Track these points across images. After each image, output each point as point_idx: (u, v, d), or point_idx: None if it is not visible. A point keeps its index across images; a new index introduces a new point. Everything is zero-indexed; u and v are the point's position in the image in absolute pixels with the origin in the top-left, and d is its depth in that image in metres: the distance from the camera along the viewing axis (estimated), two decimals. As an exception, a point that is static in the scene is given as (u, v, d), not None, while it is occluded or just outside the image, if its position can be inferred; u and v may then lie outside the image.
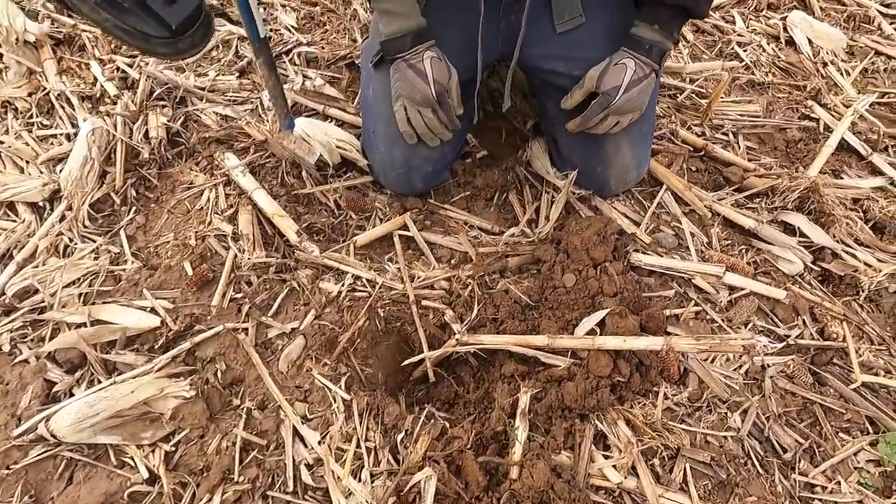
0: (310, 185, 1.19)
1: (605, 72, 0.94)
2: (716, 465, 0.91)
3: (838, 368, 1.03)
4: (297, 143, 1.09)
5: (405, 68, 0.93)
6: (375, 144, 1.11)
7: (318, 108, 1.30)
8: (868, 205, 1.25)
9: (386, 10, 0.93)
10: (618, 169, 1.10)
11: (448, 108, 0.97)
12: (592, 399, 0.91)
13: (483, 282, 1.08)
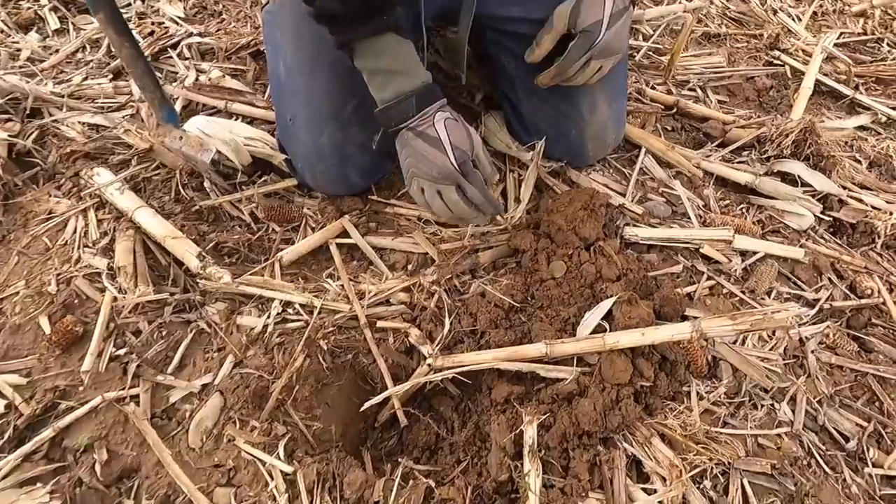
0: (215, 196, 0.93)
1: (578, 6, 0.75)
2: (778, 474, 0.71)
3: (880, 329, 0.88)
4: (183, 140, 0.83)
5: (413, 138, 0.73)
6: (295, 134, 0.87)
7: (219, 105, 1.05)
8: (858, 145, 1.13)
9: (378, 69, 0.72)
10: (594, 130, 0.92)
11: (477, 179, 0.74)
12: (615, 416, 0.70)
13: (452, 287, 0.85)
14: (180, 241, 0.81)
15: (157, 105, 0.79)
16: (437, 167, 0.72)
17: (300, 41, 0.80)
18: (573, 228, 0.83)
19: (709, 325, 0.71)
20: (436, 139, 0.72)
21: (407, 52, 0.72)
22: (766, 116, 1.18)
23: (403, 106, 0.72)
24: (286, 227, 0.92)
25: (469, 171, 0.73)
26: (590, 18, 0.74)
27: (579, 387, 0.73)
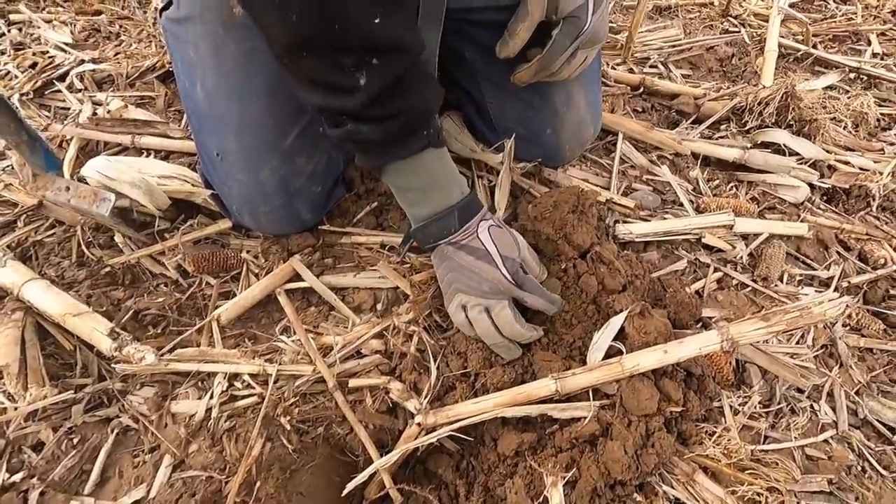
0: (129, 251, 0.76)
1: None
2: (836, 489, 0.62)
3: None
4: (71, 190, 0.66)
5: (454, 252, 0.64)
6: (228, 172, 0.71)
7: (124, 141, 0.88)
8: (831, 105, 1.08)
9: (412, 187, 0.63)
10: (571, 127, 0.81)
11: (533, 284, 0.66)
12: (650, 456, 0.58)
13: (432, 324, 0.72)
14: (85, 317, 0.64)
15: (27, 151, 0.62)
16: (487, 282, 0.63)
17: (222, 57, 0.65)
18: (564, 236, 0.71)
19: (738, 331, 0.61)
20: (483, 251, 0.64)
21: (445, 165, 0.64)
22: (735, 86, 1.11)
23: (444, 223, 0.64)
24: (223, 279, 0.76)
25: (522, 280, 0.65)
26: (573, 2, 0.62)
27: (601, 425, 0.61)
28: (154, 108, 0.97)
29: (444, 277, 0.66)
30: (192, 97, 0.71)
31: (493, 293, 0.64)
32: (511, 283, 0.64)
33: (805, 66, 1.21)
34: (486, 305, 0.64)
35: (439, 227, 0.64)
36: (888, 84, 1.17)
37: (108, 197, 0.65)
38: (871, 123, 1.06)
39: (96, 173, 0.76)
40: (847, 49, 1.29)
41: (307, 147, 0.71)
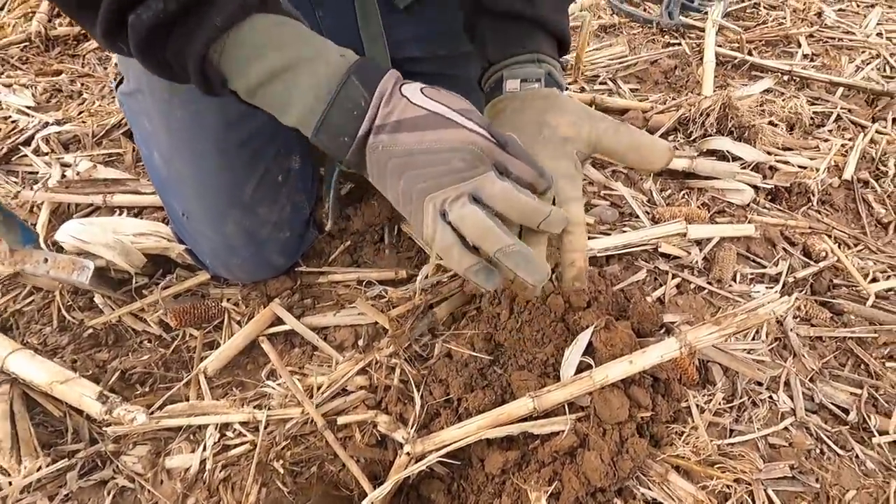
0: (110, 311, 0.77)
1: (582, 119, 0.55)
2: (798, 473, 0.67)
3: (844, 289, 0.87)
4: (49, 262, 0.67)
5: (392, 139, 0.44)
6: (196, 229, 0.74)
7: (96, 201, 0.89)
8: (768, 108, 1.15)
9: (270, 74, 0.43)
10: None
11: (517, 145, 0.46)
12: (625, 461, 0.62)
13: (413, 354, 0.75)
14: (72, 383, 0.65)
15: (3, 230, 0.63)
16: (456, 154, 0.42)
17: (172, 124, 0.67)
18: (529, 260, 0.76)
19: (695, 336, 0.66)
20: (430, 115, 0.43)
21: (299, 32, 0.45)
22: (680, 97, 1.18)
23: (346, 100, 0.43)
24: (206, 329, 0.78)
25: (506, 138, 0.46)
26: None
27: (578, 437, 0.65)
28: (123, 165, 0.98)
29: (398, 187, 0.45)
30: (152, 164, 0.73)
31: (469, 165, 0.43)
32: (489, 140, 0.44)
33: (742, 72, 1.29)
34: (470, 190, 0.43)
35: (343, 110, 0.43)
36: (818, 84, 1.26)
37: (87, 265, 0.67)
38: (806, 123, 1.14)
39: (71, 238, 0.78)
40: (780, 52, 1.38)
41: (268, 196, 0.74)
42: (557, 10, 0.59)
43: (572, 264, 0.53)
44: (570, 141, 0.54)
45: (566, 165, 0.53)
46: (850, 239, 0.96)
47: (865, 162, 1.06)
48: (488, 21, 0.59)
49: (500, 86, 0.58)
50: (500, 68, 0.59)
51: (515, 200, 0.44)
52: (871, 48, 1.38)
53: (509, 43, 0.58)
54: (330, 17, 0.72)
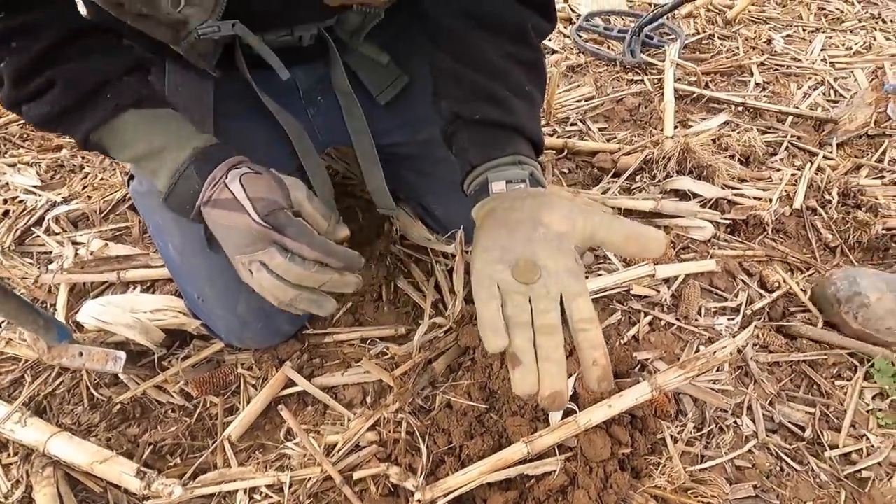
0: (134, 385, 0.84)
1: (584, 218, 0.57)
2: (761, 491, 0.77)
3: (798, 314, 0.97)
4: (84, 355, 0.74)
5: (210, 212, 0.58)
6: (211, 310, 0.82)
7: (110, 278, 0.96)
8: (724, 141, 1.26)
9: (137, 156, 0.60)
10: None
11: (301, 229, 0.57)
12: (610, 496, 0.71)
13: (416, 406, 0.83)
14: (111, 462, 0.72)
15: (42, 331, 0.70)
16: (241, 233, 0.56)
17: (182, 222, 0.74)
18: (515, 314, 0.84)
19: (664, 380, 0.75)
20: (231, 200, 0.56)
21: (162, 124, 0.59)
22: (645, 133, 1.28)
23: (186, 182, 0.58)
24: (225, 395, 0.85)
25: (286, 223, 0.56)
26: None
27: (568, 475, 0.74)
28: (131, 238, 1.05)
29: (220, 241, 0.60)
30: (166, 255, 0.81)
31: (250, 243, 0.56)
32: (262, 226, 0.55)
33: (700, 106, 1.39)
34: (260, 259, 0.57)
35: (184, 188, 0.58)
36: (770, 113, 1.37)
37: (119, 356, 0.73)
38: (759, 154, 1.24)
39: (92, 319, 0.84)
40: (735, 82, 1.49)
41: None
42: (532, 118, 0.64)
43: (595, 364, 0.48)
44: (567, 236, 0.53)
45: (566, 262, 0.51)
46: (802, 264, 1.06)
47: (813, 190, 1.16)
48: (467, 129, 0.63)
49: (485, 188, 0.59)
50: (483, 171, 0.60)
51: (291, 271, 0.57)
52: (816, 74, 1.49)
53: (491, 147, 0.61)
54: (320, 116, 0.80)
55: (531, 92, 0.65)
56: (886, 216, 1.11)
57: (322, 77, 0.77)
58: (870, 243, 1.08)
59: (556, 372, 0.48)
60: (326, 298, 0.62)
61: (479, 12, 0.62)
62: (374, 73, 0.78)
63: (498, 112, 0.62)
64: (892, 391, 0.87)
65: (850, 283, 0.92)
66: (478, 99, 0.62)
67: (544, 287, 0.50)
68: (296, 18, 0.66)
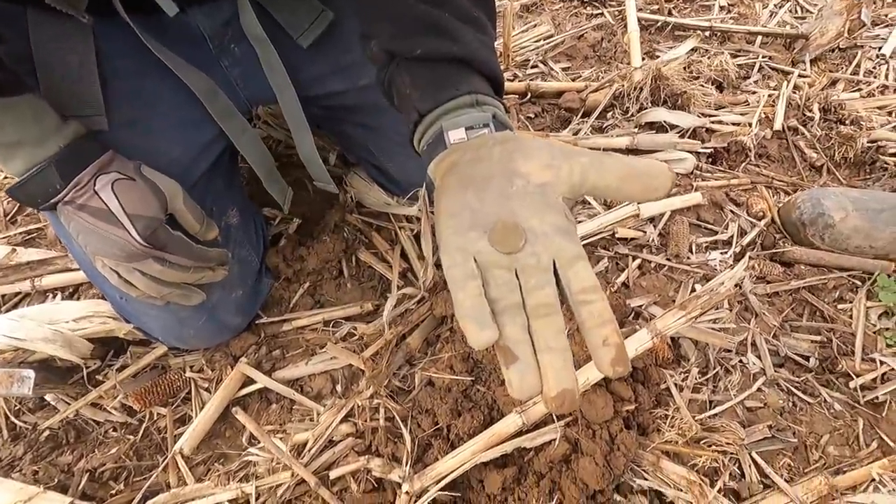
0: (63, 406, 0.72)
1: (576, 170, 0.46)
2: (777, 431, 0.71)
3: (789, 240, 0.91)
4: (-20, 379, 0.62)
5: (75, 212, 0.55)
6: (139, 310, 0.69)
7: (24, 287, 0.82)
8: (696, 68, 1.17)
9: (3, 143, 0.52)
10: None
11: (180, 244, 0.60)
12: (618, 458, 0.64)
13: (394, 388, 0.74)
14: (38, 499, 0.61)
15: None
16: (118, 246, 0.56)
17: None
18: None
19: (665, 324, 0.67)
20: (104, 211, 0.55)
21: (19, 116, 0.53)
22: (610, 69, 1.18)
23: (43, 179, 0.54)
24: (174, 404, 0.74)
25: (166, 240, 0.58)
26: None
27: (570, 442, 0.66)
28: (46, 241, 0.91)
29: (77, 239, 0.58)
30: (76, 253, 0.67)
31: (127, 255, 0.57)
32: (144, 247, 0.56)
33: (666, 34, 1.30)
34: (137, 268, 0.59)
35: (39, 186, 0.54)
36: (738, 35, 1.29)
37: (27, 375, 0.62)
38: (733, 77, 1.17)
39: (4, 338, 0.72)
40: (698, 7, 1.40)
41: None
42: (485, 48, 0.50)
43: (606, 343, 0.36)
44: (551, 187, 0.42)
45: (555, 219, 0.41)
46: (790, 187, 1.00)
47: (792, 109, 1.10)
48: (407, 70, 0.50)
49: (441, 139, 0.47)
50: (435, 119, 0.48)
51: (168, 275, 0.60)
52: (781, -9, 1.42)
53: (440, 87, 0.48)
54: (237, 68, 0.67)
55: (478, 17, 0.51)
56: (870, 128, 1.05)
57: (230, 19, 0.64)
58: (856, 158, 1.02)
59: (562, 364, 0.36)
60: (195, 291, 0.65)
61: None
62: (291, 9, 0.65)
63: (442, 43, 0.48)
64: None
65: (813, 204, 0.86)
66: (415, 31, 0.49)
67: (532, 255, 0.39)
68: None
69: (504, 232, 0.40)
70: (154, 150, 0.61)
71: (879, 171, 1.02)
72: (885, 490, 0.66)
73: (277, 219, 0.89)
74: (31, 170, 0.53)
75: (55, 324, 0.73)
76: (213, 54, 0.65)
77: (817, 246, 0.87)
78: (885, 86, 1.17)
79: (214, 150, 0.67)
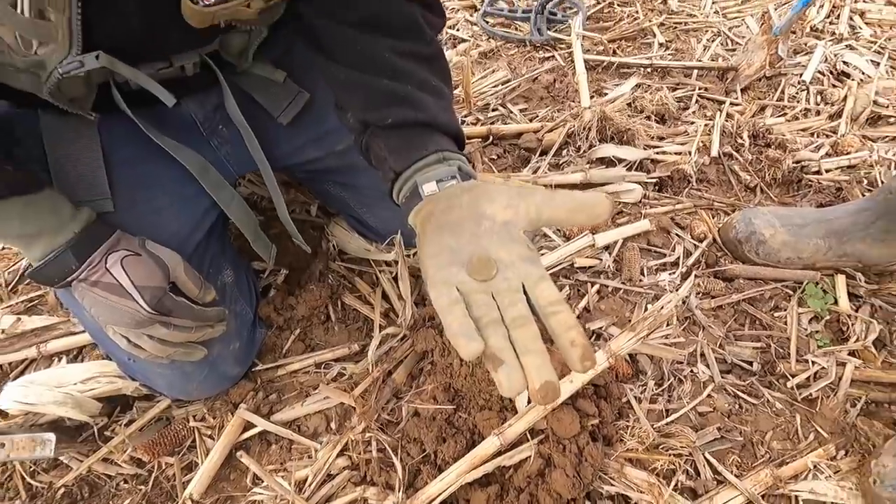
0: (76, 464, 0.77)
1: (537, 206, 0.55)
2: (725, 432, 0.80)
3: (728, 257, 1.02)
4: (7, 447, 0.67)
5: (89, 289, 0.62)
6: (146, 369, 0.76)
7: (30, 354, 0.88)
8: (639, 103, 1.30)
9: (13, 237, 0.60)
10: None
11: (184, 309, 0.67)
12: (586, 468, 0.72)
13: (384, 422, 0.81)
14: (61, 553, 0.66)
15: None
16: (128, 315, 0.62)
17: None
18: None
19: (618, 345, 0.76)
20: (116, 286, 0.61)
21: (39, 210, 0.59)
22: (564, 111, 1.30)
23: (60, 261, 0.60)
24: (180, 453, 0.80)
25: (171, 306, 0.65)
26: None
27: (543, 457, 0.74)
28: (47, 307, 0.96)
29: (90, 311, 0.63)
30: (86, 322, 0.74)
31: (137, 325, 0.63)
32: (151, 314, 0.62)
33: (612, 72, 1.43)
34: (146, 333, 0.65)
35: (57, 267, 0.60)
36: (676, 70, 1.42)
37: (48, 438, 0.67)
38: (673, 110, 1.29)
39: (16, 404, 0.77)
40: (640, 45, 1.54)
41: None
42: (446, 111, 0.61)
43: (573, 344, 0.44)
44: (513, 223, 0.51)
45: (520, 249, 0.50)
46: (729, 207, 1.11)
47: (726, 136, 1.22)
48: (381, 136, 0.60)
49: (416, 192, 0.56)
50: (409, 176, 0.57)
51: (174, 336, 0.67)
52: (711, 26, 1.57)
53: (411, 149, 0.58)
54: (226, 146, 0.76)
55: (437, 85, 0.63)
56: (794, 150, 1.18)
57: (218, 105, 0.73)
58: (784, 178, 1.14)
59: (542, 363, 0.44)
60: (198, 348, 0.72)
61: (364, 15, 0.59)
62: (271, 92, 0.74)
63: (408, 112, 0.59)
64: (824, 312, 0.92)
65: (746, 224, 0.97)
66: (384, 103, 0.60)
67: (504, 280, 0.48)
68: (167, 46, 0.62)
69: (479, 264, 0.49)
70: (156, 226, 0.68)
71: (805, 188, 1.14)
72: (822, 476, 0.76)
73: (267, 271, 0.97)
74: (49, 255, 0.59)
75: (64, 386, 0.79)
76: (204, 136, 0.74)
77: (753, 261, 0.98)
78: (808, 109, 1.31)
79: (208, 219, 0.75)
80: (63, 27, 0.49)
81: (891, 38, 1.51)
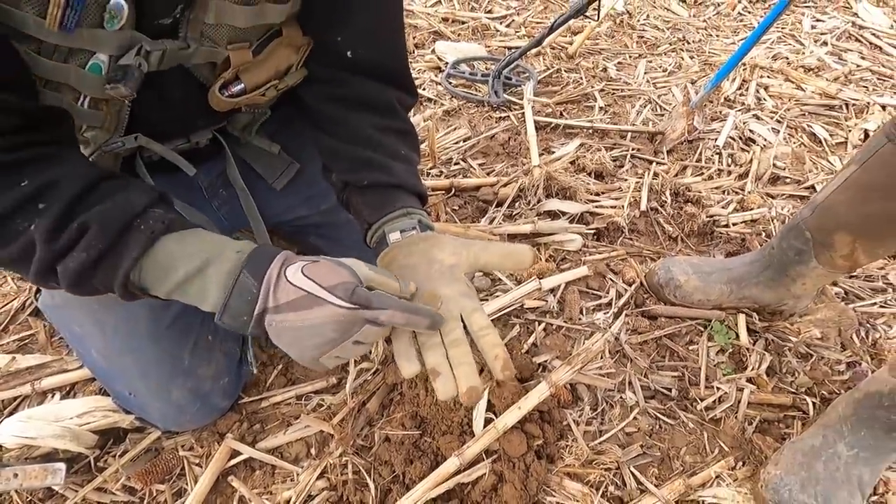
0: (72, 494, 0.84)
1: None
2: (647, 448, 0.95)
3: (652, 298, 1.20)
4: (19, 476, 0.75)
5: (279, 321, 0.53)
6: (143, 403, 0.85)
7: (25, 391, 0.94)
8: (581, 162, 1.50)
9: (180, 282, 0.53)
10: None
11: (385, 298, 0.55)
12: (532, 483, 0.86)
13: (358, 447, 0.92)
14: (64, 574, 0.73)
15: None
16: (327, 326, 0.52)
17: (107, 329, 0.79)
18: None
19: (557, 376, 0.91)
20: (304, 296, 0.52)
21: (199, 240, 0.55)
22: (517, 166, 1.48)
23: (241, 291, 0.52)
24: (170, 481, 0.88)
25: (370, 297, 0.53)
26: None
27: (496, 474, 0.87)
28: (38, 345, 1.03)
29: (294, 353, 0.56)
30: (89, 360, 0.83)
31: (341, 333, 0.53)
32: (352, 307, 0.52)
33: (559, 133, 1.63)
34: (356, 340, 0.55)
35: (240, 299, 0.52)
36: (613, 132, 1.64)
37: (59, 468, 0.75)
38: (610, 168, 1.50)
39: (14, 438, 0.84)
40: (583, 108, 1.76)
41: (204, 356, 0.87)
42: (412, 176, 0.77)
43: (496, 357, 0.60)
44: (457, 267, 0.66)
45: (460, 287, 0.65)
46: (655, 255, 1.31)
47: (653, 193, 1.43)
48: (359, 194, 0.74)
49: (384, 239, 0.70)
50: (379, 226, 0.72)
51: (378, 335, 0.58)
52: (643, 94, 1.81)
53: (381, 206, 0.72)
54: (224, 207, 0.88)
55: (407, 154, 0.78)
56: (708, 206, 1.40)
57: (221, 171, 0.85)
58: (699, 230, 1.35)
59: (469, 372, 0.58)
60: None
61: (351, 97, 0.74)
62: (268, 162, 0.87)
63: (381, 175, 0.74)
64: (728, 346, 1.11)
65: (665, 271, 1.16)
66: (362, 168, 0.74)
67: (447, 311, 0.62)
68: (191, 128, 0.74)
69: (428, 298, 0.63)
70: None
71: (717, 239, 1.35)
72: (724, 484, 0.92)
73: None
74: (229, 284, 0.52)
75: (62, 421, 0.86)
76: (206, 198, 0.86)
77: (672, 302, 1.17)
78: (720, 170, 1.55)
79: None
80: (112, 116, 0.61)
81: (789, 108, 1.80)
